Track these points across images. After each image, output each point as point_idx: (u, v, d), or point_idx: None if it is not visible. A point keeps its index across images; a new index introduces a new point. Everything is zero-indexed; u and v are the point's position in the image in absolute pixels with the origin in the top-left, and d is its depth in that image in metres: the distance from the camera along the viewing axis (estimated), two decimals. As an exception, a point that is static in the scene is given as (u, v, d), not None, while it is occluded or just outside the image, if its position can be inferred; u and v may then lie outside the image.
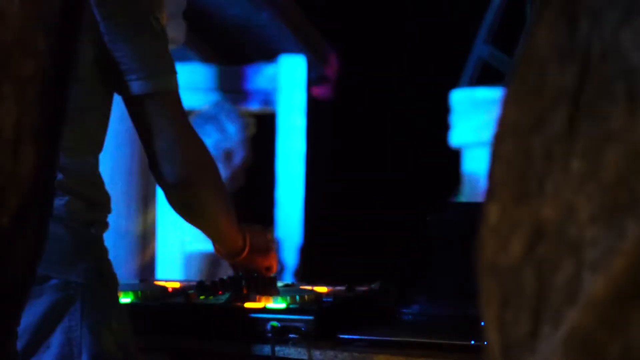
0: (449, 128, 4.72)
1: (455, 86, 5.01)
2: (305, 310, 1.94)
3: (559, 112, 0.52)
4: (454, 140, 4.44)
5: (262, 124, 4.35)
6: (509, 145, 0.55)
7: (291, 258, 5.04)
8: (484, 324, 0.56)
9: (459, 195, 4.52)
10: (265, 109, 5.37)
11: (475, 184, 3.97)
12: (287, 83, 5.36)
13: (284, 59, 5.35)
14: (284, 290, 2.13)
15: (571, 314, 0.50)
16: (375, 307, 2.21)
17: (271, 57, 5.37)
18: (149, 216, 3.65)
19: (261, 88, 5.44)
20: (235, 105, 5.32)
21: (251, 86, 5.45)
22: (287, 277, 4.74)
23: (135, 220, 3.52)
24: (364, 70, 6.55)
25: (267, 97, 5.45)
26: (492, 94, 3.90)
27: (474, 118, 4.15)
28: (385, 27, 6.81)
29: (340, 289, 2.27)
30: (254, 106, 5.37)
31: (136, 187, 3.51)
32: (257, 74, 5.43)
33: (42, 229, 0.97)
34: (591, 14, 0.52)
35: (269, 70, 5.41)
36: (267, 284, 2.15)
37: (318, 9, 5.47)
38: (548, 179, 0.52)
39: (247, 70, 5.44)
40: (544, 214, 0.52)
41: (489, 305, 0.55)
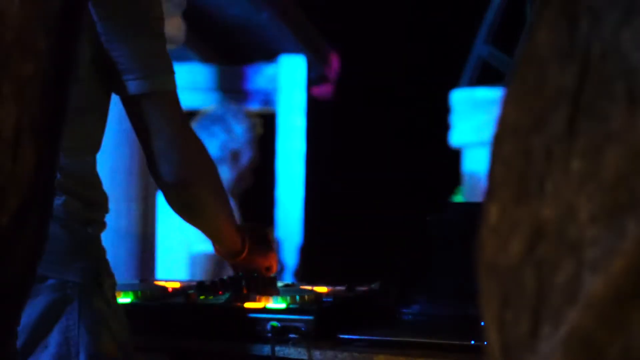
0: (449, 128, 4.72)
1: (455, 86, 5.00)
2: (305, 310, 1.94)
3: (559, 112, 0.52)
4: (454, 140, 4.44)
5: (262, 124, 4.34)
6: (509, 145, 0.55)
7: (291, 258, 5.04)
8: (484, 324, 0.56)
9: (459, 195, 4.52)
10: (265, 109, 5.36)
11: (475, 184, 3.97)
12: (287, 83, 5.36)
13: (284, 59, 5.35)
14: (284, 290, 2.13)
15: (571, 314, 0.50)
16: (375, 307, 2.21)
17: (271, 57, 5.37)
18: (149, 216, 3.64)
19: (261, 88, 5.43)
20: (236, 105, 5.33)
21: (251, 86, 5.44)
22: (287, 277, 4.74)
23: (135, 220, 3.52)
24: (364, 70, 6.55)
25: (267, 97, 5.45)
26: (492, 94, 3.90)
27: (474, 118, 4.14)
28: (385, 28, 6.81)
29: (340, 289, 2.27)
30: (254, 106, 5.37)
31: (136, 187, 3.50)
32: (257, 74, 5.43)
33: (42, 229, 0.97)
34: (591, 14, 0.52)
35: (269, 70, 5.41)
36: (267, 284, 2.15)
37: (318, 9, 5.47)
38: (548, 179, 0.52)
39: (247, 70, 5.44)
40: (544, 214, 0.52)
41: (489, 305, 0.55)
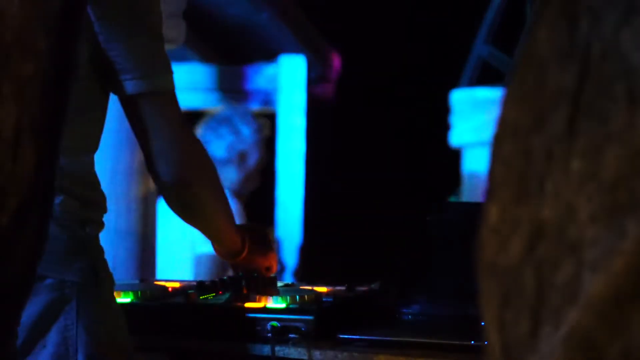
0: (449, 128, 4.72)
1: (455, 86, 5.01)
2: (305, 310, 1.94)
3: (559, 112, 0.52)
4: (454, 140, 4.45)
5: (269, 126, 4.34)
6: (509, 145, 0.55)
7: (291, 258, 5.04)
8: (484, 324, 0.56)
9: (459, 195, 4.52)
10: (265, 109, 5.36)
11: (475, 184, 3.97)
12: (287, 83, 5.36)
13: (284, 59, 5.35)
14: (284, 290, 2.13)
15: (571, 314, 0.50)
16: (375, 307, 2.21)
17: (271, 57, 5.37)
18: (149, 216, 3.64)
19: (261, 88, 5.43)
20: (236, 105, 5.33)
21: (251, 86, 5.44)
22: (287, 277, 4.74)
23: (135, 220, 3.51)
24: (364, 70, 6.55)
25: (267, 97, 5.45)
26: (492, 94, 3.90)
27: (474, 118, 4.14)
28: (385, 27, 6.81)
29: (340, 289, 2.27)
30: (254, 106, 5.37)
31: (136, 187, 3.50)
32: (257, 74, 5.43)
33: (42, 229, 0.97)
34: (591, 14, 0.52)
35: (269, 70, 5.41)
36: (267, 284, 2.15)
37: (318, 9, 5.46)
38: (548, 179, 0.52)
39: (247, 70, 5.44)
40: (544, 214, 0.52)
41: (489, 305, 0.55)
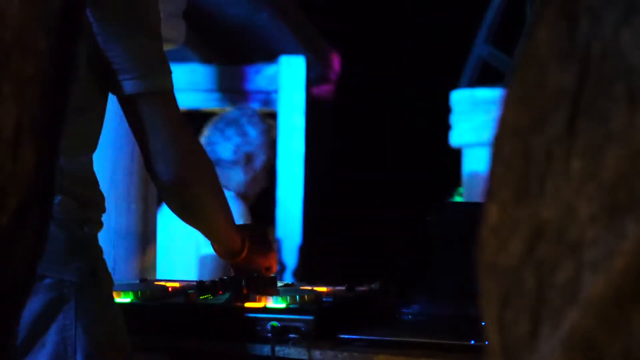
0: (449, 128, 4.72)
1: (455, 86, 5.00)
2: (305, 310, 1.94)
3: (559, 112, 0.52)
4: (454, 140, 4.44)
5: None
6: (509, 145, 0.55)
7: (291, 258, 5.04)
8: (484, 324, 0.56)
9: (459, 195, 4.52)
10: (265, 109, 5.36)
11: (475, 184, 3.97)
12: (287, 83, 5.36)
13: (284, 59, 5.35)
14: (284, 290, 2.13)
15: (571, 314, 0.50)
16: (375, 307, 2.21)
17: (271, 57, 5.37)
18: (149, 216, 3.64)
19: (261, 88, 5.43)
20: (237, 106, 5.33)
21: (251, 86, 5.44)
22: (287, 277, 4.74)
23: (135, 220, 3.52)
24: (364, 70, 6.55)
25: (267, 97, 5.45)
26: (492, 94, 3.89)
27: (474, 118, 4.14)
28: (386, 27, 6.81)
29: (340, 289, 2.27)
30: (254, 106, 5.37)
31: (136, 187, 3.50)
32: (257, 74, 5.43)
33: (42, 229, 0.97)
34: (591, 14, 0.52)
35: (269, 70, 5.41)
36: (267, 284, 2.15)
37: (318, 9, 5.46)
38: (548, 179, 0.52)
39: (247, 70, 5.44)
40: (544, 214, 0.52)
41: (489, 306, 0.55)
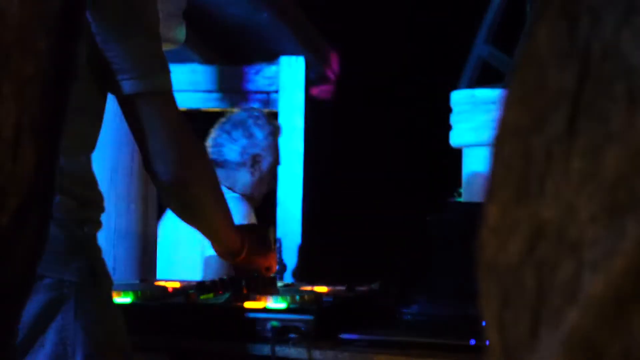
0: (449, 128, 4.71)
1: (455, 86, 5.00)
2: (305, 310, 1.94)
3: (559, 112, 0.52)
4: (454, 140, 4.44)
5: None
6: (509, 145, 0.55)
7: (291, 258, 5.04)
8: (484, 324, 0.56)
9: (459, 195, 4.52)
10: (265, 109, 5.36)
11: (475, 184, 3.97)
12: (287, 83, 5.36)
13: (284, 59, 5.35)
14: (284, 290, 2.14)
15: (571, 314, 0.50)
16: (375, 307, 2.21)
17: (271, 57, 5.37)
18: (149, 216, 3.64)
19: (261, 88, 5.43)
20: (236, 106, 5.33)
21: (251, 86, 5.44)
22: (287, 277, 4.74)
23: (135, 220, 3.51)
24: (364, 70, 6.55)
25: (267, 97, 5.45)
26: (492, 94, 3.89)
27: (474, 118, 4.14)
28: (385, 28, 6.81)
29: (340, 289, 2.27)
30: (254, 106, 5.37)
31: (136, 187, 3.50)
32: (257, 74, 5.42)
33: (42, 229, 0.97)
34: (591, 13, 0.52)
35: (269, 70, 5.41)
36: (267, 284, 2.15)
37: (318, 9, 5.46)
38: (548, 179, 0.52)
39: (247, 70, 5.44)
40: (544, 214, 0.52)
41: (489, 306, 0.55)
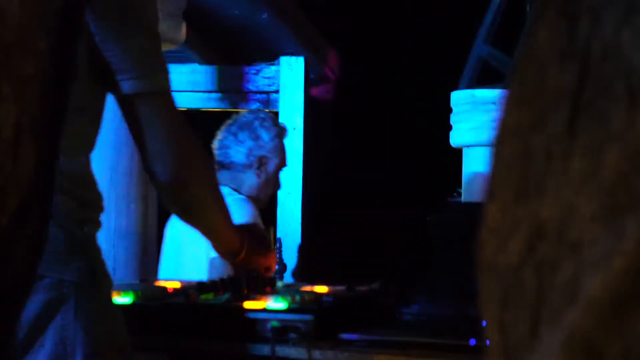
0: (449, 128, 4.72)
1: (455, 86, 5.00)
2: (305, 310, 1.94)
3: (559, 112, 0.52)
4: (454, 140, 4.44)
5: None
6: (509, 145, 0.55)
7: (291, 258, 5.04)
8: (484, 324, 0.56)
9: (459, 195, 4.52)
10: (265, 110, 5.36)
11: (475, 184, 3.97)
12: (287, 83, 5.36)
13: (284, 59, 5.35)
14: (284, 290, 2.14)
15: (571, 314, 0.50)
16: (375, 307, 2.21)
17: (271, 57, 5.37)
18: (149, 216, 3.65)
19: (261, 88, 5.43)
20: (236, 106, 5.33)
21: (251, 86, 5.44)
22: (287, 277, 4.74)
23: (135, 220, 3.52)
24: (364, 70, 6.55)
25: (267, 97, 5.45)
26: (492, 94, 3.89)
27: (474, 118, 4.13)
28: (385, 28, 6.81)
29: (340, 289, 2.27)
30: (254, 106, 5.37)
31: (136, 187, 3.50)
32: (257, 74, 5.43)
33: (42, 229, 0.97)
34: (591, 13, 0.52)
35: (269, 70, 5.41)
36: (267, 284, 2.15)
37: (318, 9, 5.46)
38: (548, 179, 0.52)
39: (247, 70, 5.44)
40: (544, 214, 0.52)
41: (489, 306, 0.55)
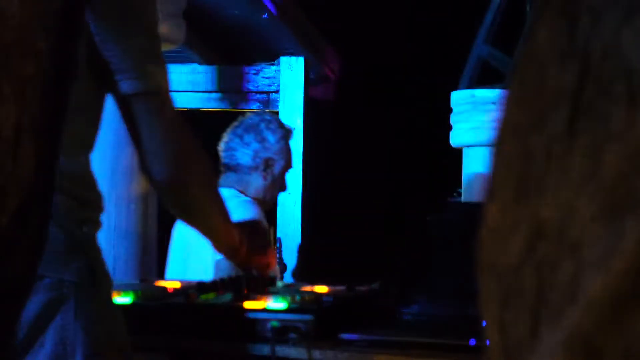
0: (449, 128, 4.72)
1: (455, 86, 5.00)
2: (305, 310, 1.94)
3: (559, 112, 0.52)
4: (453, 140, 4.44)
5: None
6: (509, 145, 0.55)
7: (291, 258, 5.04)
8: (484, 324, 0.56)
9: (459, 195, 4.52)
10: (265, 110, 5.36)
11: (475, 184, 3.97)
12: (287, 83, 5.36)
13: (284, 59, 5.35)
14: (284, 290, 2.14)
15: (571, 314, 0.50)
16: (375, 307, 2.21)
17: (271, 57, 5.37)
18: (149, 216, 3.64)
19: (261, 88, 5.43)
20: (237, 106, 5.33)
21: (251, 86, 5.44)
22: (287, 277, 4.74)
23: (135, 220, 3.51)
24: (364, 70, 6.55)
25: (267, 97, 5.45)
26: (492, 94, 3.89)
27: (473, 118, 4.13)
28: (385, 28, 6.81)
29: (340, 289, 2.27)
30: (254, 106, 5.37)
31: (136, 187, 3.50)
32: (257, 74, 5.42)
33: (42, 229, 0.97)
34: (591, 13, 0.52)
35: (269, 70, 5.41)
36: (267, 284, 2.15)
37: (318, 9, 5.46)
38: (548, 179, 0.52)
39: (247, 70, 5.44)
40: (544, 214, 0.52)
41: (489, 306, 0.55)
